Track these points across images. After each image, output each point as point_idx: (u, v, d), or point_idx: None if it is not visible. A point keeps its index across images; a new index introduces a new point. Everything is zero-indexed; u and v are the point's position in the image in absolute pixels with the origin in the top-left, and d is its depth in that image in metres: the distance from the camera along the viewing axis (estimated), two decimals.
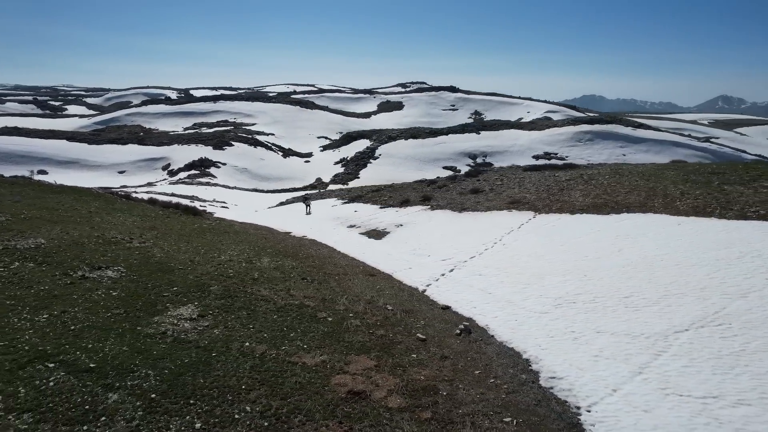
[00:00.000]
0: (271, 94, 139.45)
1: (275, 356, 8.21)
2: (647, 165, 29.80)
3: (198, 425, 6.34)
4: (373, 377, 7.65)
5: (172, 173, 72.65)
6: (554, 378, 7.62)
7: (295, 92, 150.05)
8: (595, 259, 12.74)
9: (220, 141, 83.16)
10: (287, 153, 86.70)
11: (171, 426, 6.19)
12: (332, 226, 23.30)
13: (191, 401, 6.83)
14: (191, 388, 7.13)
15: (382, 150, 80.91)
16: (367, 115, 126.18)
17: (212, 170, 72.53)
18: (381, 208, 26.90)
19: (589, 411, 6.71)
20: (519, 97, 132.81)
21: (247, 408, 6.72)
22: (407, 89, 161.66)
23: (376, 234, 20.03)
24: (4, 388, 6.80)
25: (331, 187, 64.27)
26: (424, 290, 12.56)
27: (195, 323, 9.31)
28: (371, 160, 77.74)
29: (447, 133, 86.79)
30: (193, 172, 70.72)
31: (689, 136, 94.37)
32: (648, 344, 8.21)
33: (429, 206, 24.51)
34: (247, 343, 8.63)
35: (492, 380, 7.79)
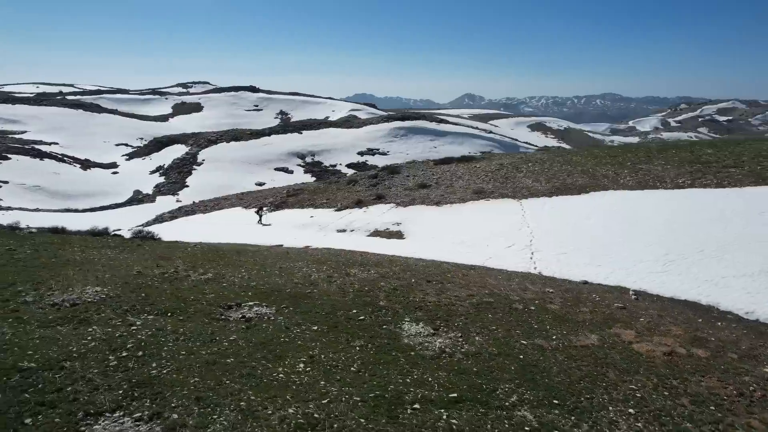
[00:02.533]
0: (21, 95, 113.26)
1: (561, 347, 8.65)
2: (545, 153, 35.82)
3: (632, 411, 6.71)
4: (655, 340, 8.87)
5: None
6: (749, 312, 10.05)
7: (61, 93, 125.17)
8: (632, 227, 15.95)
9: None
10: (86, 164, 73.62)
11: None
12: (316, 233, 22.12)
13: (606, 397, 7.05)
14: (578, 390, 7.27)
15: (204, 155, 76.10)
16: (164, 117, 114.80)
17: None
18: (337, 210, 26.43)
19: None
20: (321, 97, 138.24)
21: (633, 386, 7.29)
22: (190, 89, 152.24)
23: (389, 234, 20.03)
24: None
25: (161, 198, 58.40)
26: (539, 272, 13.82)
27: (449, 338, 8.91)
28: (195, 167, 72.32)
29: (270, 134, 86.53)
30: None
31: (477, 128, 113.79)
32: None
33: (394, 204, 25.27)
34: (523, 341, 8.80)
35: (719, 323, 9.80)
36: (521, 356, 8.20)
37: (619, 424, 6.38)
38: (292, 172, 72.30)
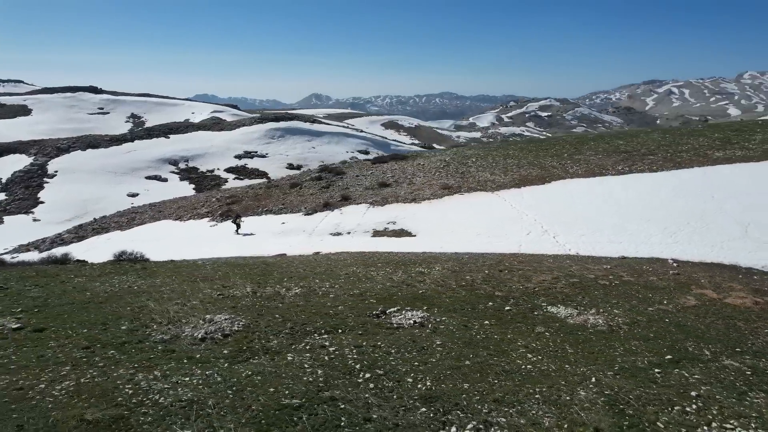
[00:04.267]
0: None
1: (681, 308, 10.37)
2: (476, 148, 38.65)
3: None
4: (733, 294, 11.11)
5: None
6: (765, 266, 13.01)
7: None
8: (618, 208, 18.81)
9: None
10: None
11: None
12: (308, 238, 21.25)
13: None
14: (736, 339, 8.91)
15: (56, 165, 66.65)
16: None
17: None
18: (306, 215, 25.60)
19: None
20: (177, 98, 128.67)
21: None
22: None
23: (395, 233, 20.18)
24: None
25: (11, 219, 50.10)
26: (577, 253, 15.50)
27: (598, 315, 10.00)
28: (46, 179, 63.13)
29: (133, 140, 78.99)
30: None
31: (347, 127, 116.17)
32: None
33: (368, 204, 25.45)
34: (649, 308, 10.31)
35: (754, 277, 12.47)
36: (666, 319, 9.68)
37: None
38: (166, 180, 66.83)
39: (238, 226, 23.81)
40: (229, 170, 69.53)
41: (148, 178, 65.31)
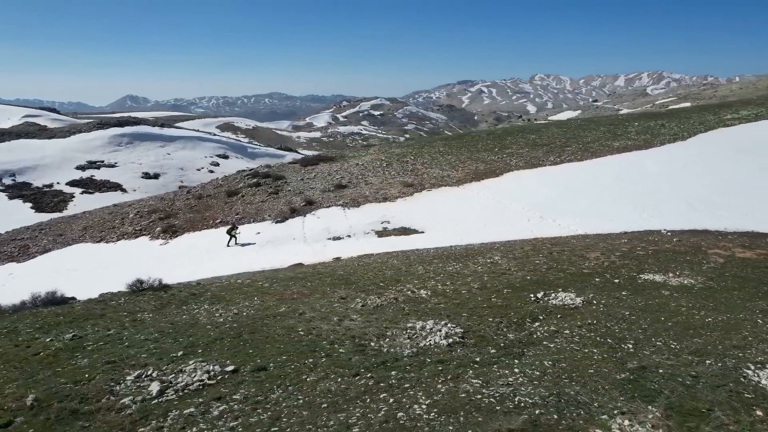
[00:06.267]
0: None
1: (723, 264, 13.49)
2: (404, 146, 40.07)
3: None
4: (736, 252, 14.72)
5: None
6: (727, 228, 17.19)
7: None
8: (584, 192, 22.29)
9: None
10: None
11: None
12: (306, 245, 20.21)
13: None
14: None
15: None
16: None
17: None
18: (277, 222, 24.21)
19: None
20: None
21: None
22: None
23: (400, 232, 20.43)
24: None
25: None
26: (585, 233, 18.06)
27: (680, 279, 12.44)
28: None
29: None
30: None
31: (198, 131, 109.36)
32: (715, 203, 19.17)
33: (341, 206, 25.21)
34: (702, 268, 13.17)
35: (729, 236, 16.43)
36: (726, 273, 12.59)
37: None
38: None
39: (233, 237, 21.47)
40: (72, 183, 59.65)
41: None
